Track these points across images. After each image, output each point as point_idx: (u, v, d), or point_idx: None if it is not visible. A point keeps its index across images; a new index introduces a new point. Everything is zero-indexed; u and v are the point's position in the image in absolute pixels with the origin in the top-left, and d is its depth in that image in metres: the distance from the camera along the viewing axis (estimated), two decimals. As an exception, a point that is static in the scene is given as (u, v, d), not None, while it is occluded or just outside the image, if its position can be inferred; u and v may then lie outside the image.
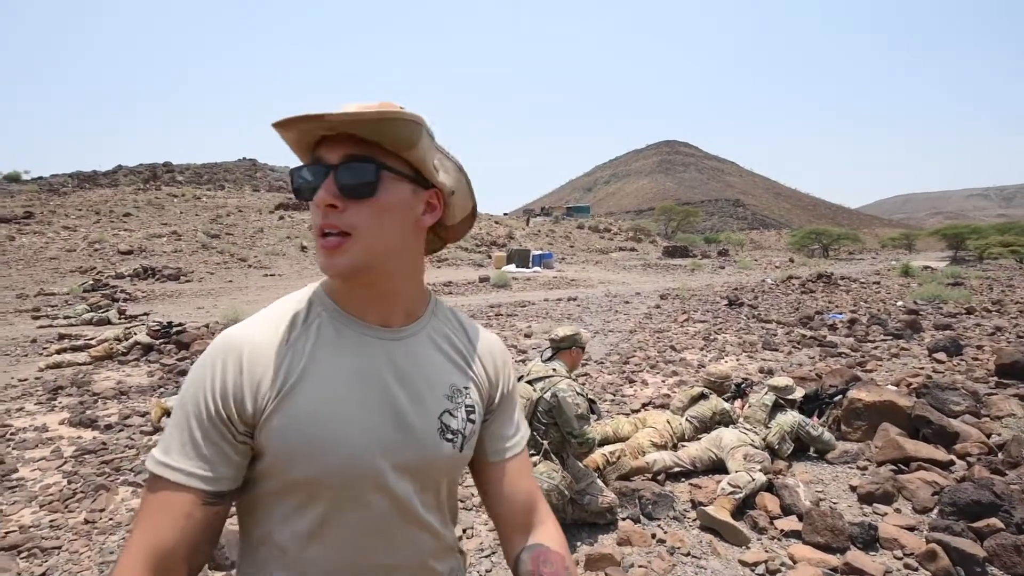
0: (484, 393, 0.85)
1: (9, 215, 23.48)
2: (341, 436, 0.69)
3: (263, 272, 18.95)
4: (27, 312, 10.75)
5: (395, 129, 0.66)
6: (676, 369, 6.35)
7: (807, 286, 15.17)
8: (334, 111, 0.64)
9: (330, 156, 0.68)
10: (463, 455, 0.80)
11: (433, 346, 0.81)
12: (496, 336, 0.92)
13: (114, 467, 3.66)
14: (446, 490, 0.82)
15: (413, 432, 0.74)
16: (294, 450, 0.68)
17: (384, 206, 0.69)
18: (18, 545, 2.71)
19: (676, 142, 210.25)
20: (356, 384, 0.72)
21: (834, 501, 3.17)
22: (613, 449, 3.55)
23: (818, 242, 39.38)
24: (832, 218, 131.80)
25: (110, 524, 2.95)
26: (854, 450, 3.74)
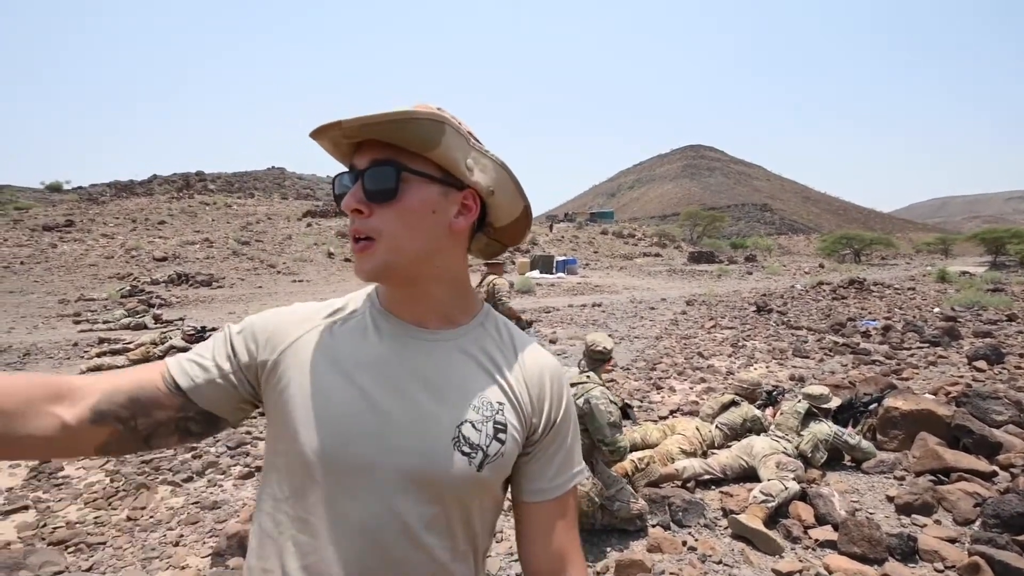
0: (524, 418, 0.75)
1: (51, 223, 24.48)
2: (342, 422, 0.68)
3: (292, 278, 19.33)
4: (68, 316, 11.17)
5: (411, 130, 0.65)
6: (704, 376, 6.28)
7: (838, 292, 14.81)
8: (350, 117, 0.65)
9: (360, 162, 0.69)
10: (480, 476, 0.70)
11: (468, 356, 0.75)
12: (555, 362, 0.82)
13: (153, 467, 3.78)
14: (460, 515, 0.71)
15: (424, 436, 0.69)
16: (293, 425, 0.68)
17: (408, 209, 0.68)
18: (65, 540, 2.82)
19: (702, 146, 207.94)
20: (373, 376, 0.70)
21: (870, 511, 3.10)
22: (642, 456, 3.53)
23: (849, 247, 38.38)
24: (864, 222, 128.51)
25: (151, 522, 3.05)
26: (891, 460, 3.64)
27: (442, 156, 0.68)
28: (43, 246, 20.67)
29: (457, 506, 0.71)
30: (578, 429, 0.83)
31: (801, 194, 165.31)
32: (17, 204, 30.92)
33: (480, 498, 0.73)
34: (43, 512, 3.16)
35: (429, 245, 0.70)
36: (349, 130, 0.65)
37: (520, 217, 0.80)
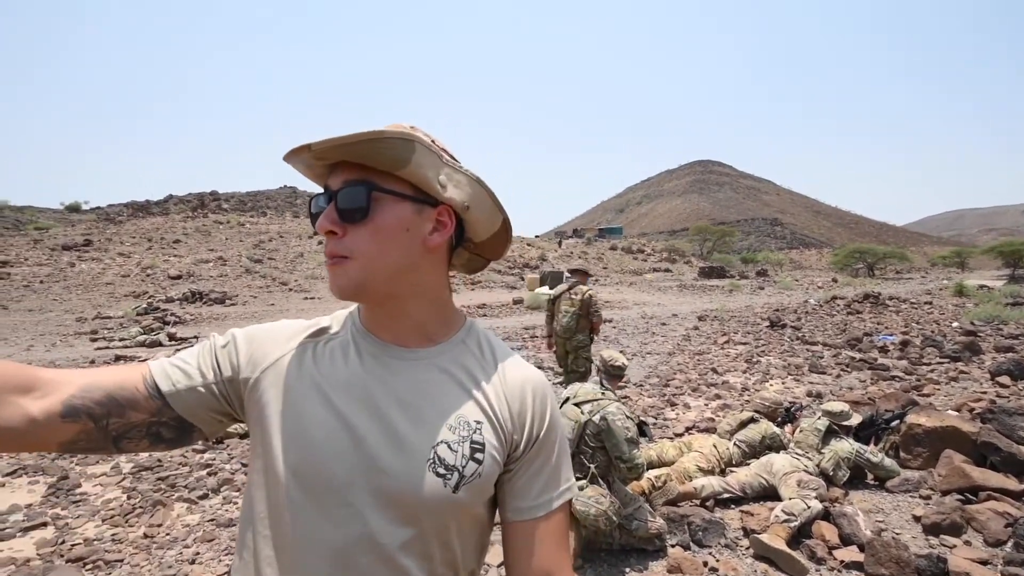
0: (504, 435, 0.73)
1: (70, 243, 24.93)
2: (317, 441, 0.67)
3: (303, 295, 19.47)
4: (86, 334, 11.31)
5: (381, 149, 0.66)
6: (719, 392, 6.21)
7: (853, 307, 14.64)
8: (319, 139, 0.65)
9: (333, 183, 0.69)
10: (456, 497, 0.68)
11: (446, 374, 0.74)
12: (538, 376, 0.80)
13: (169, 483, 3.79)
14: (438, 537, 0.70)
15: (398, 456, 0.68)
16: (270, 442, 0.69)
17: (380, 227, 0.68)
18: (84, 557, 2.83)
19: (710, 161, 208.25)
20: (349, 395, 0.70)
21: (897, 532, 3.02)
22: (659, 474, 3.48)
23: (862, 261, 38.01)
24: (876, 236, 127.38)
25: (167, 539, 3.05)
26: (915, 478, 3.56)
27: (413, 174, 0.68)
28: (62, 265, 21.03)
29: (434, 528, 0.69)
30: (566, 444, 0.81)
31: (811, 208, 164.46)
32: (37, 224, 31.58)
33: (458, 520, 0.71)
34: (61, 529, 3.17)
35: (403, 262, 0.70)
36: (320, 152, 0.66)
37: (499, 231, 0.79)
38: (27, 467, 4.05)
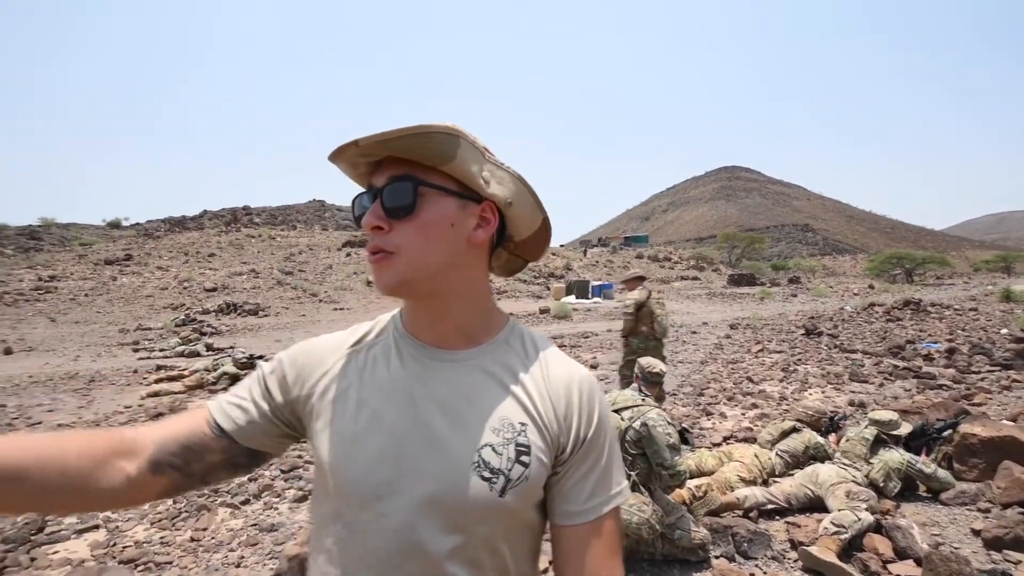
0: (550, 437, 0.71)
1: (112, 257, 25.94)
2: (362, 449, 0.68)
3: (333, 306, 19.82)
4: (128, 345, 11.71)
5: (427, 144, 0.65)
6: (756, 401, 6.06)
7: (893, 314, 14.18)
8: (366, 135, 0.65)
9: (378, 180, 0.69)
10: (504, 501, 0.66)
11: (490, 375, 0.73)
12: (584, 374, 0.76)
13: (212, 489, 3.87)
14: (486, 543, 0.68)
15: (443, 462, 0.67)
16: (319, 455, 0.70)
17: (426, 223, 0.68)
18: (135, 559, 2.90)
19: (737, 167, 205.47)
20: (392, 400, 0.70)
21: (955, 545, 2.89)
22: (699, 483, 3.41)
23: (900, 267, 36.86)
24: (914, 241, 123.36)
25: (213, 543, 3.11)
26: (972, 490, 3.41)
27: (458, 169, 0.68)
28: (104, 279, 21.86)
29: (482, 534, 0.67)
30: (616, 446, 0.77)
31: (844, 213, 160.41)
32: (81, 240, 32.94)
33: (506, 525, 0.69)
34: (112, 531, 3.26)
35: (448, 259, 0.69)
36: (366, 148, 0.66)
37: (540, 229, 0.78)
38: (78, 472, 4.19)
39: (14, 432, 5.18)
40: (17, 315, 16.04)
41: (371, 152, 0.67)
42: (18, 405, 6.50)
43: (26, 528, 3.24)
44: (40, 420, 5.77)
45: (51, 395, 7.05)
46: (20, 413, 6.10)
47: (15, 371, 8.86)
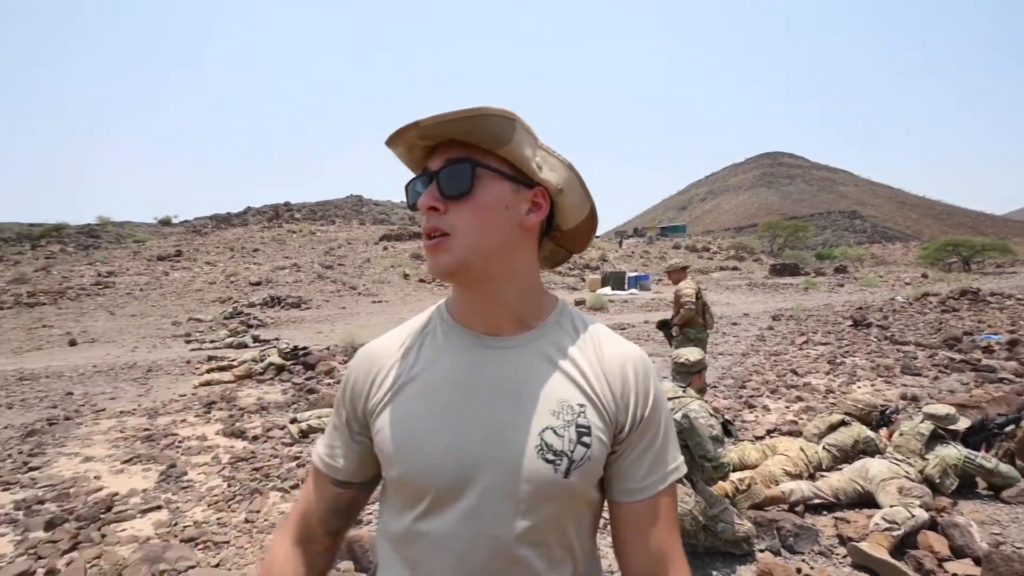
0: (608, 417, 0.72)
1: (164, 254, 27.14)
2: (424, 442, 0.70)
3: (371, 299, 20.23)
4: (181, 337, 12.27)
5: (485, 126, 0.66)
6: (800, 395, 5.91)
7: (948, 304, 13.51)
8: (427, 116, 0.66)
9: (434, 163, 0.70)
10: (568, 482, 0.68)
11: (545, 358, 0.73)
12: (638, 352, 0.77)
13: (263, 474, 4.05)
14: (553, 524, 0.69)
15: (506, 448, 0.68)
16: (385, 451, 0.72)
17: (482, 204, 0.68)
18: (195, 538, 3.08)
19: (779, 153, 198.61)
20: (450, 392, 0.71)
21: (1017, 545, 2.76)
22: (742, 476, 3.36)
23: (956, 255, 34.95)
24: (972, 227, 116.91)
25: (266, 524, 3.26)
26: (1036, 488, 3.24)
27: (513, 152, 0.68)
28: (157, 274, 22.92)
29: (549, 515, 0.69)
30: (671, 423, 0.78)
31: (895, 199, 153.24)
32: (135, 237, 34.55)
33: (571, 504, 0.71)
34: (173, 512, 3.46)
35: (502, 242, 0.70)
36: (426, 130, 0.67)
37: (587, 219, 0.78)
38: (141, 456, 4.44)
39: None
40: (80, 309, 17.01)
41: (429, 134, 0.68)
42: (84, 392, 6.93)
43: (96, 507, 3.47)
44: (104, 407, 6.13)
45: (113, 384, 7.47)
46: (86, 400, 6.50)
47: (80, 361, 9.43)
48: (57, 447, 4.76)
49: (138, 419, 5.61)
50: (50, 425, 5.43)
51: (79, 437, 5.05)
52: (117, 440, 4.92)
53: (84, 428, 5.34)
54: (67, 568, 2.74)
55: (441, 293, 21.67)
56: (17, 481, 3.99)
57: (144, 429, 5.20)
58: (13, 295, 18.08)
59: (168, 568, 2.74)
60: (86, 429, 5.30)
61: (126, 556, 2.88)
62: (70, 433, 5.16)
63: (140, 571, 2.70)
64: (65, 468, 4.26)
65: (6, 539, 3.14)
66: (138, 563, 2.75)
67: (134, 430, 5.19)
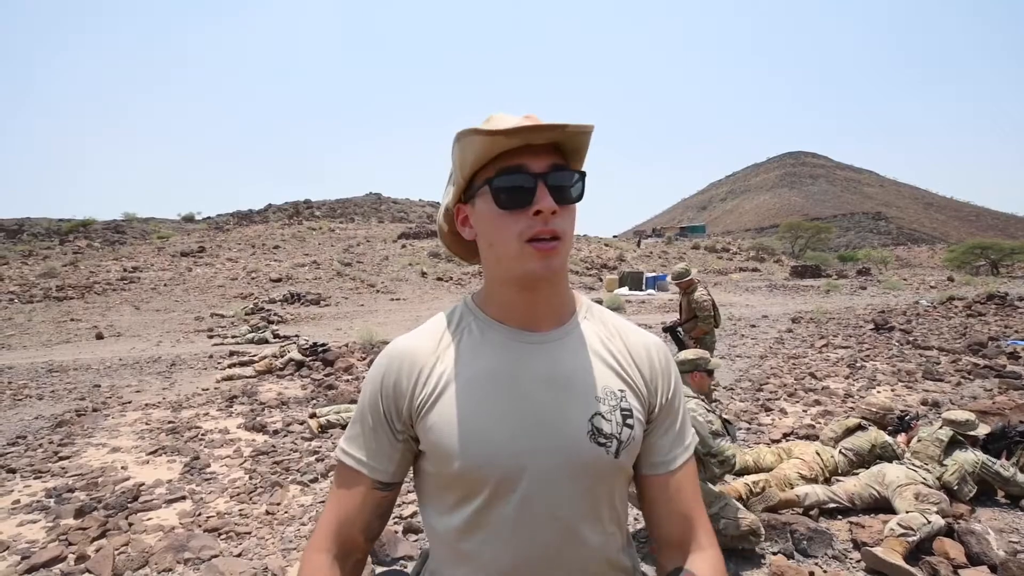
0: (643, 399, 0.80)
1: (187, 250, 27.70)
2: (482, 436, 0.72)
3: (389, 296, 20.42)
4: (203, 332, 12.55)
5: (587, 142, 0.73)
6: (819, 398, 5.84)
7: (974, 308, 13.20)
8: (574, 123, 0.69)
9: (535, 165, 0.71)
10: (619, 462, 0.75)
11: (584, 349, 0.79)
12: (657, 339, 0.86)
13: (284, 467, 4.14)
14: (606, 500, 0.77)
15: (560, 435, 0.73)
16: (442, 447, 0.73)
17: (575, 213, 0.75)
18: (218, 528, 3.17)
19: (802, 153, 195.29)
20: (499, 386, 0.74)
21: (1036, 555, 2.72)
22: (756, 479, 3.36)
23: (984, 258, 34.05)
24: (1002, 229, 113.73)
25: (286, 516, 3.35)
26: (1058, 498, 3.19)
27: (581, 168, 0.77)
28: (181, 270, 23.41)
29: (602, 493, 0.76)
30: (685, 402, 0.87)
31: (921, 200, 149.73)
32: (160, 234, 35.32)
33: (620, 480, 0.78)
34: (197, 502, 3.57)
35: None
36: (559, 134, 0.70)
37: None
38: (165, 448, 4.58)
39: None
40: (106, 303, 17.47)
41: (558, 137, 0.71)
42: (111, 385, 7.14)
43: (123, 496, 3.59)
44: (130, 400, 6.31)
45: (138, 376, 7.69)
46: (113, 392, 6.70)
47: (107, 354, 9.70)
48: (86, 438, 4.93)
49: (162, 412, 5.77)
50: (79, 416, 5.62)
51: (106, 428, 5.22)
52: (143, 432, 5.07)
53: (111, 420, 5.51)
54: (96, 555, 2.85)
55: (457, 292, 21.78)
56: (48, 470, 4.15)
57: (168, 422, 5.36)
58: (43, 289, 18.65)
59: (192, 557, 2.83)
60: (113, 421, 5.48)
61: (152, 544, 2.99)
62: (98, 424, 5.34)
63: (166, 559, 2.80)
64: (93, 458, 4.41)
65: (38, 525, 3.28)
66: (164, 551, 2.85)
67: (159, 422, 5.35)
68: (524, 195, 0.70)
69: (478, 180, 0.74)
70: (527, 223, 0.70)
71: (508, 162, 0.71)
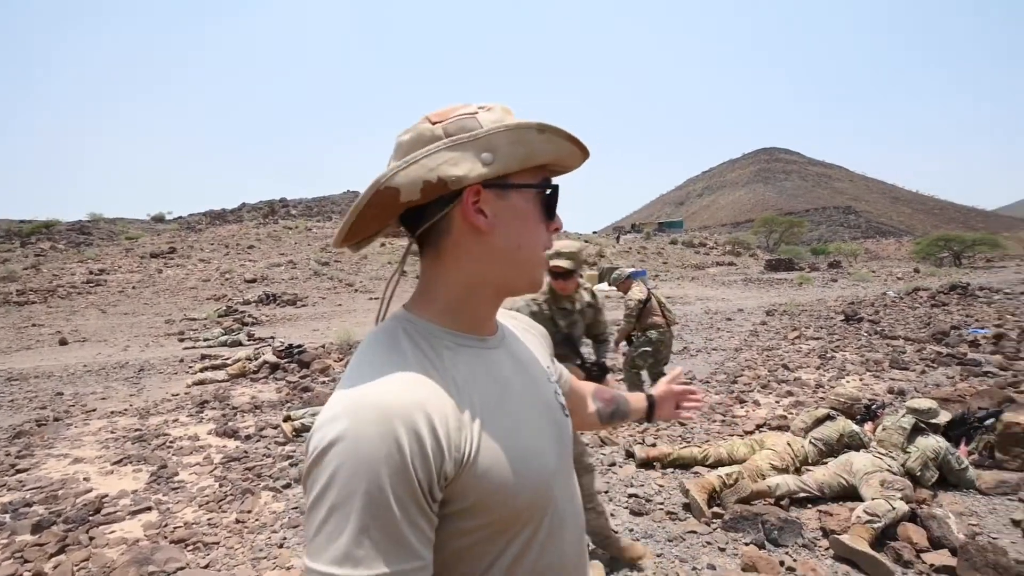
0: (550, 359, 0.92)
1: (157, 251, 26.99)
2: (534, 453, 0.68)
3: (368, 296, 20.19)
4: (174, 335, 12.23)
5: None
6: (791, 389, 5.96)
7: (938, 299, 13.62)
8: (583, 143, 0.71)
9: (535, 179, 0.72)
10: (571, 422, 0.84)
11: (518, 341, 0.82)
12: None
13: (256, 473, 4.06)
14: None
15: (559, 423, 0.77)
16: (504, 486, 0.63)
17: None
18: (185, 539, 3.09)
19: (776, 149, 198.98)
20: (509, 397, 0.70)
21: (993, 536, 2.81)
22: (730, 471, 3.40)
23: (948, 250, 35.18)
24: (964, 222, 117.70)
25: (257, 524, 3.28)
26: (1014, 480, 3.30)
27: None
28: (151, 271, 22.81)
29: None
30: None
31: (889, 194, 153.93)
32: (128, 234, 34.35)
33: None
34: (164, 513, 3.47)
35: None
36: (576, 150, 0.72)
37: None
38: (131, 457, 4.45)
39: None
40: (71, 307, 16.92)
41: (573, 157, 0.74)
42: (74, 393, 6.91)
43: (85, 509, 3.47)
44: (94, 407, 6.12)
45: (104, 383, 7.46)
46: (76, 401, 6.49)
47: (71, 360, 9.40)
48: (46, 449, 4.76)
49: (129, 419, 5.61)
50: (39, 426, 5.42)
51: (68, 438, 5.05)
52: (107, 441, 4.92)
53: (74, 429, 5.33)
54: (54, 572, 2.74)
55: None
56: (4, 484, 3.99)
57: (135, 429, 5.20)
58: (2, 294, 17.97)
59: (157, 570, 2.75)
60: (76, 430, 5.30)
61: (114, 559, 2.89)
62: (59, 434, 5.16)
63: (128, 573, 2.71)
64: (54, 470, 4.26)
65: (-6, 541, 3.15)
66: (126, 565, 2.76)
67: (125, 430, 5.19)
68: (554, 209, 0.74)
69: (521, 177, 0.69)
70: (548, 236, 0.73)
71: (547, 173, 0.72)
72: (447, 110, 0.68)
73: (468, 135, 0.64)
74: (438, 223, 0.68)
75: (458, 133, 0.65)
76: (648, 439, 4.50)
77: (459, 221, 0.67)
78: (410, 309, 0.73)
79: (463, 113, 0.67)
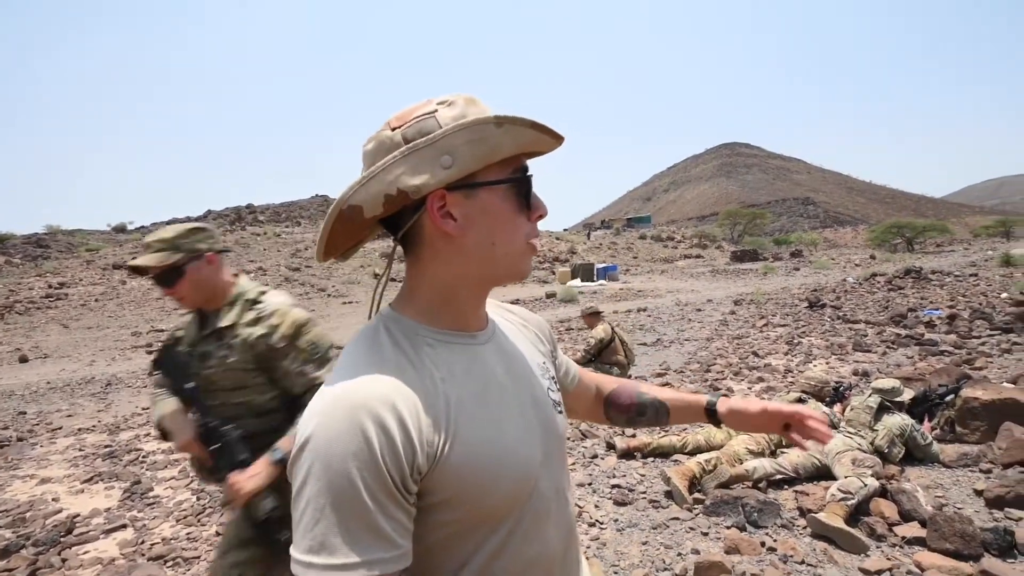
0: (549, 356, 0.90)
1: (120, 262, 25.99)
2: (513, 449, 0.68)
3: (341, 300, 19.92)
4: (142, 347, 11.85)
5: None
6: (762, 375, 6.13)
7: (894, 283, 14.18)
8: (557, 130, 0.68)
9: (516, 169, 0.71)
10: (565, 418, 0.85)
11: (507, 335, 0.81)
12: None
13: (234, 484, 3.97)
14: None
15: (544, 419, 0.76)
16: (481, 479, 0.64)
17: None
18: (164, 555, 3.01)
19: (737, 144, 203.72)
20: (492, 393, 0.70)
21: (959, 506, 2.96)
22: (708, 457, 3.49)
23: (901, 236, 36.67)
24: (915, 209, 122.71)
25: (239, 535, 3.21)
26: (974, 452, 3.48)
27: None
28: (114, 283, 21.98)
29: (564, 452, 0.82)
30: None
31: (844, 185, 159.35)
32: (88, 246, 32.99)
33: None
34: (140, 530, 3.37)
35: None
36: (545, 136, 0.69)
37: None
38: (103, 474, 4.30)
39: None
40: (30, 323, 16.20)
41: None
42: (38, 411, 6.64)
43: (55, 530, 3.35)
44: (60, 425, 5.89)
45: (70, 400, 7.19)
46: (40, 419, 6.23)
47: (32, 378, 9.02)
48: (11, 470, 4.57)
49: (98, 435, 5.42)
50: (1, 447, 5.19)
51: (34, 458, 4.85)
52: (76, 459, 4.75)
53: (40, 448, 5.13)
54: (29, 594, 2.65)
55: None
56: (-32, 508, 3.82)
57: (105, 446, 5.03)
58: (-47, 313, 17.08)
59: (137, 586, 2.68)
60: (42, 449, 5.10)
61: (92, 577, 2.80)
62: (24, 455, 4.95)
63: (108, 591, 2.63)
64: (20, 492, 4.09)
65: (-40, 569, 3.02)
66: (105, 583, 2.68)
67: (94, 447, 5.02)
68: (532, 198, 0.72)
69: (487, 174, 0.67)
70: (531, 226, 0.71)
71: (519, 163, 0.70)
72: (406, 112, 0.67)
73: (425, 140, 0.63)
74: (411, 229, 0.68)
75: (416, 137, 0.64)
76: (628, 430, 4.58)
77: (429, 227, 0.67)
78: (395, 308, 0.74)
79: (421, 114, 0.65)
